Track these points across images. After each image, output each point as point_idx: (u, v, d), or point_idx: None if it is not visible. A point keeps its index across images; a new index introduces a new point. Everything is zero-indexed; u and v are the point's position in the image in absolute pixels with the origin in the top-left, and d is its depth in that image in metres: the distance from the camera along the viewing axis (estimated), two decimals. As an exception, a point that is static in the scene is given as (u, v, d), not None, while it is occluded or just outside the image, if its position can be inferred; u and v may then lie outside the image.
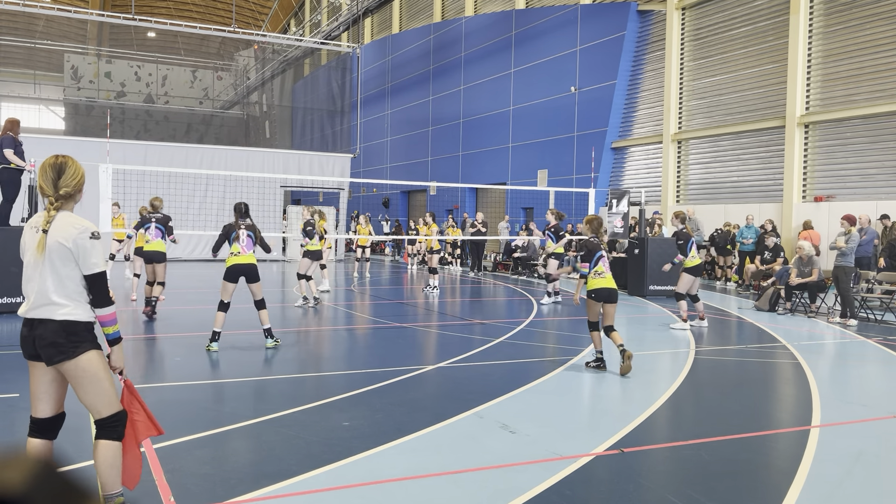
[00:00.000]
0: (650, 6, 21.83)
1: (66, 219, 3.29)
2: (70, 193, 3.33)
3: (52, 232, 3.25)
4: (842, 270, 11.08)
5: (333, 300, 13.77)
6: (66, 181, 3.30)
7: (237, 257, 8.21)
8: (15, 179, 10.67)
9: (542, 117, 25.30)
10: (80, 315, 3.26)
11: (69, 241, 3.23)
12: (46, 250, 3.24)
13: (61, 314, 3.23)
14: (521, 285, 17.08)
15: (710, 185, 20.22)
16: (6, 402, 5.57)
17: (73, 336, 3.23)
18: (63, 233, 3.24)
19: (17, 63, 32.92)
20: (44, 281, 3.26)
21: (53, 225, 3.26)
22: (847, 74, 16.72)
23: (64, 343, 3.21)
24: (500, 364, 7.74)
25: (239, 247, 8.24)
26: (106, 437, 3.31)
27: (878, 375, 7.67)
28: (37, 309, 3.26)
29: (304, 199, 33.69)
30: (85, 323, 3.27)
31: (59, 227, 3.26)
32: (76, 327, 3.24)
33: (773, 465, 4.50)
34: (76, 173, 3.34)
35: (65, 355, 3.22)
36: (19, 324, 3.46)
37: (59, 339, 3.21)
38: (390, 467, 4.26)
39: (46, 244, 3.23)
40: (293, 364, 7.70)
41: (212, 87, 34.67)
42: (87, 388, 3.26)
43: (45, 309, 3.25)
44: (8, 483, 0.67)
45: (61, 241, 3.24)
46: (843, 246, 10.95)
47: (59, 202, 3.30)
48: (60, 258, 3.24)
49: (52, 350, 3.22)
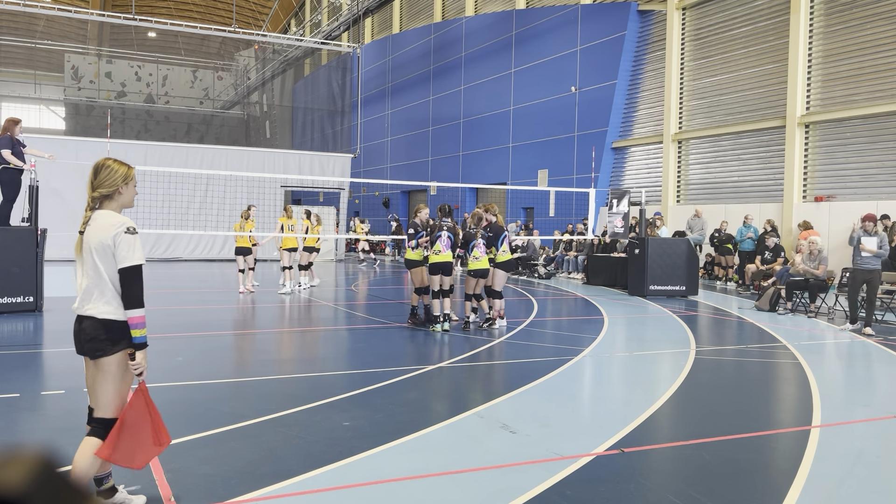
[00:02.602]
0: (650, 6, 21.82)
1: (103, 217, 3.39)
2: (106, 194, 3.41)
3: (90, 232, 3.37)
4: (878, 274, 10.21)
5: (334, 300, 13.77)
6: (100, 181, 3.40)
7: (439, 256, 9.55)
8: (15, 180, 10.67)
9: (543, 117, 25.30)
10: (120, 315, 3.35)
11: (108, 237, 3.32)
12: (84, 250, 3.36)
13: (102, 312, 3.33)
14: (521, 285, 17.07)
15: (711, 185, 20.22)
16: (6, 402, 5.57)
17: (113, 333, 3.33)
18: (102, 231, 3.34)
19: (17, 63, 32.93)
20: (89, 279, 3.37)
21: (92, 225, 3.37)
22: (847, 74, 16.72)
23: (104, 339, 3.32)
24: (500, 364, 7.74)
25: (441, 246, 9.55)
26: (99, 435, 3.39)
27: (878, 375, 7.67)
28: (82, 306, 3.39)
29: (305, 199, 33.69)
30: (124, 322, 3.35)
31: (97, 227, 3.36)
32: (115, 325, 3.34)
33: (773, 465, 4.50)
34: (111, 174, 3.41)
35: (102, 351, 3.33)
36: (19, 324, 3.47)
37: (99, 335, 3.33)
38: (391, 467, 4.26)
39: (84, 244, 3.36)
40: (293, 364, 7.70)
41: (212, 87, 34.67)
42: (107, 385, 3.37)
43: (88, 307, 3.36)
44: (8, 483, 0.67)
45: (101, 239, 3.33)
46: (874, 250, 10.01)
47: (96, 202, 3.41)
48: (100, 257, 3.33)
49: (92, 345, 3.34)
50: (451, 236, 9.71)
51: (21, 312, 10.21)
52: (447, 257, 9.61)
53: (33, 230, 10.51)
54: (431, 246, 9.60)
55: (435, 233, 9.60)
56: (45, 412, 5.41)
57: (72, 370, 6.88)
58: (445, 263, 9.61)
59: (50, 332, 9.08)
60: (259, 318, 11.54)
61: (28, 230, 10.51)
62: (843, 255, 15.65)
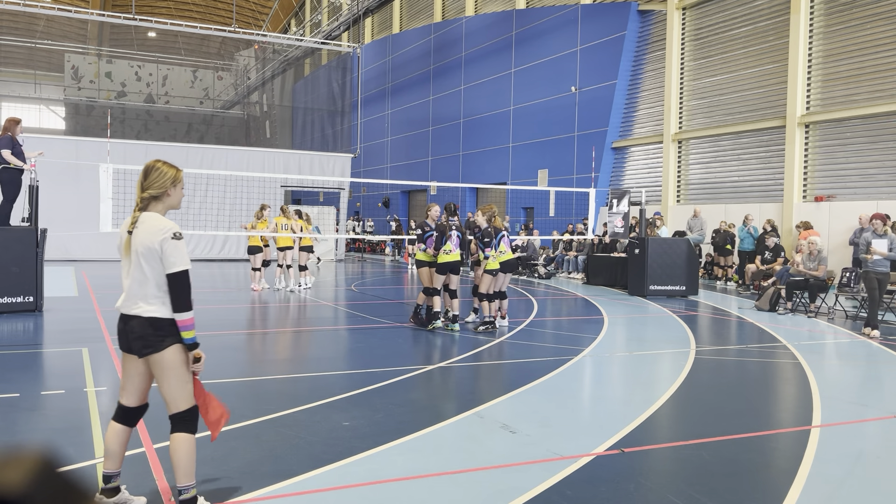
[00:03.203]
0: (650, 6, 21.82)
1: (150, 220, 3.44)
2: (154, 195, 3.47)
3: (137, 233, 3.42)
4: (887, 276, 9.91)
5: (334, 300, 13.78)
6: (150, 183, 3.46)
7: (448, 255, 9.54)
8: (15, 180, 10.66)
9: (543, 117, 25.30)
10: (165, 312, 3.41)
11: (155, 241, 3.38)
12: (132, 251, 3.41)
13: (148, 311, 3.39)
14: (521, 285, 17.07)
15: (711, 184, 20.22)
16: (6, 402, 5.57)
17: (160, 330, 3.39)
18: (148, 234, 3.39)
19: (17, 63, 32.95)
20: (132, 280, 3.43)
21: (139, 227, 3.42)
22: (847, 74, 16.72)
23: (151, 336, 3.38)
24: (500, 364, 7.74)
25: (451, 245, 9.55)
26: (182, 429, 3.46)
27: (878, 375, 7.67)
28: (128, 305, 3.44)
29: (305, 199, 33.71)
30: (169, 319, 3.41)
31: (144, 229, 3.41)
32: (161, 322, 3.39)
33: (773, 465, 4.50)
34: (160, 176, 3.47)
35: (152, 348, 3.39)
36: (19, 324, 3.49)
37: (146, 332, 3.38)
38: (391, 467, 4.26)
39: (132, 245, 3.41)
40: (293, 364, 7.70)
41: (212, 86, 34.68)
42: (169, 380, 3.42)
43: (134, 306, 3.41)
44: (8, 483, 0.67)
45: (147, 242, 3.38)
46: (885, 253, 9.67)
47: (144, 203, 3.46)
48: (146, 259, 3.39)
49: (141, 343, 3.40)
50: (460, 235, 9.82)
51: (21, 312, 10.21)
52: (457, 256, 9.71)
53: (33, 230, 10.51)
54: (442, 245, 9.64)
55: (446, 232, 9.67)
56: (45, 412, 5.41)
57: (72, 370, 6.88)
58: (455, 263, 9.71)
59: (50, 332, 9.07)
60: (259, 318, 11.54)
61: (28, 230, 10.51)
62: (842, 255, 15.65)
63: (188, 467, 3.44)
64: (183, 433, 3.45)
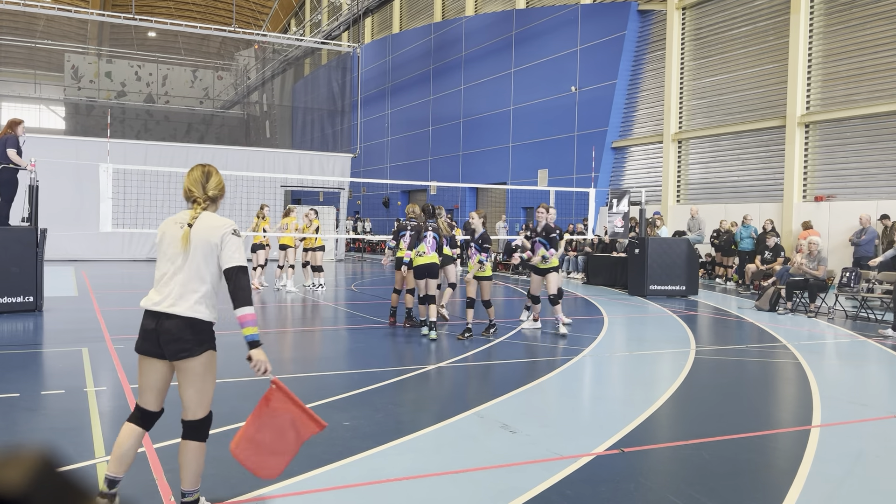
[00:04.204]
0: (650, 6, 21.82)
1: (210, 217, 3.47)
2: (215, 197, 3.56)
3: (198, 229, 3.40)
4: None
5: (334, 300, 13.77)
6: (212, 185, 3.54)
7: (422, 257, 9.10)
8: (12, 179, 10.67)
9: (543, 117, 25.30)
10: (207, 315, 3.36)
11: (216, 236, 3.38)
12: (191, 245, 3.37)
13: (190, 311, 3.30)
14: (521, 285, 17.07)
15: (710, 184, 20.22)
16: (6, 402, 5.56)
17: (199, 334, 3.33)
18: (209, 230, 3.40)
19: (17, 63, 32.93)
20: (183, 276, 3.36)
21: (199, 223, 3.42)
22: (847, 74, 16.72)
23: (190, 339, 3.30)
24: (500, 364, 7.74)
25: (425, 247, 9.11)
26: (194, 437, 3.40)
27: (878, 375, 7.67)
28: (168, 304, 3.32)
29: (305, 199, 33.70)
30: (209, 322, 3.38)
31: (204, 225, 3.42)
32: (202, 325, 3.34)
33: (773, 464, 4.50)
34: (220, 181, 3.59)
35: (188, 352, 3.31)
36: (19, 324, 3.46)
37: (185, 335, 3.30)
38: (391, 467, 4.26)
39: (192, 239, 3.37)
40: (293, 364, 7.70)
41: (212, 86, 34.66)
42: (196, 385, 3.35)
43: (174, 304, 3.32)
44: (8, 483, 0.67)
45: (207, 237, 3.38)
46: None
47: (206, 203, 3.51)
48: (204, 254, 3.37)
49: (177, 346, 3.30)
50: (436, 237, 9.30)
51: (21, 312, 10.21)
52: (432, 259, 9.18)
53: (33, 230, 10.51)
54: (416, 246, 9.16)
55: (422, 233, 9.19)
56: (45, 412, 5.41)
57: (72, 370, 6.88)
58: (431, 265, 9.17)
59: (50, 332, 9.07)
60: (259, 318, 11.53)
61: (28, 230, 10.51)
62: (842, 254, 15.65)
63: (196, 473, 3.41)
64: (195, 441, 3.40)
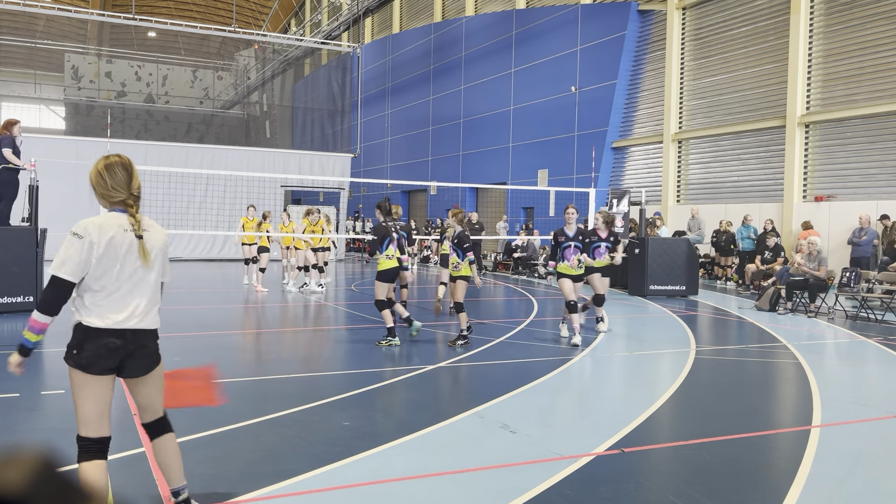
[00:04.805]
0: (650, 6, 21.82)
1: (150, 223, 3.19)
2: (139, 196, 3.18)
3: (150, 236, 3.14)
4: None
5: (334, 300, 13.77)
6: (136, 186, 3.16)
7: (391, 261, 8.48)
8: (13, 180, 10.67)
9: (543, 117, 25.29)
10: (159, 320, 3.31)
11: (165, 244, 3.23)
12: (152, 256, 3.14)
13: (155, 322, 3.25)
14: (521, 285, 17.07)
15: (710, 184, 20.22)
16: (6, 402, 5.56)
17: (157, 340, 3.30)
18: (158, 238, 3.19)
19: (17, 63, 32.94)
20: (146, 289, 3.15)
21: (147, 233, 3.13)
22: (847, 74, 16.72)
23: (156, 349, 3.28)
24: (500, 364, 7.74)
25: (392, 249, 8.50)
26: (170, 428, 3.39)
27: (878, 375, 7.67)
28: (136, 320, 3.13)
29: (305, 199, 33.70)
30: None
31: (155, 233, 3.18)
32: (156, 332, 3.30)
33: (773, 464, 4.50)
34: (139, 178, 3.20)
35: (157, 362, 3.29)
36: (19, 323, 3.47)
37: (154, 346, 3.27)
38: (390, 467, 4.26)
39: (149, 249, 3.11)
40: (293, 364, 7.70)
41: (212, 86, 34.67)
42: (159, 384, 3.34)
43: (144, 319, 3.16)
44: (8, 483, 0.67)
45: (161, 246, 3.20)
46: None
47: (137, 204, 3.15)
48: (161, 263, 3.22)
49: (151, 359, 3.25)
50: (405, 235, 8.82)
51: (21, 312, 10.21)
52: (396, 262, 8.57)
53: (33, 230, 10.51)
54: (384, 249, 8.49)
55: (389, 234, 8.49)
56: (45, 412, 5.41)
57: (72, 370, 6.88)
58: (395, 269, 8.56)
59: (50, 332, 9.02)
60: (259, 318, 11.54)
61: (28, 230, 10.51)
62: (842, 254, 15.65)
63: (181, 465, 3.39)
64: (172, 432, 3.40)
